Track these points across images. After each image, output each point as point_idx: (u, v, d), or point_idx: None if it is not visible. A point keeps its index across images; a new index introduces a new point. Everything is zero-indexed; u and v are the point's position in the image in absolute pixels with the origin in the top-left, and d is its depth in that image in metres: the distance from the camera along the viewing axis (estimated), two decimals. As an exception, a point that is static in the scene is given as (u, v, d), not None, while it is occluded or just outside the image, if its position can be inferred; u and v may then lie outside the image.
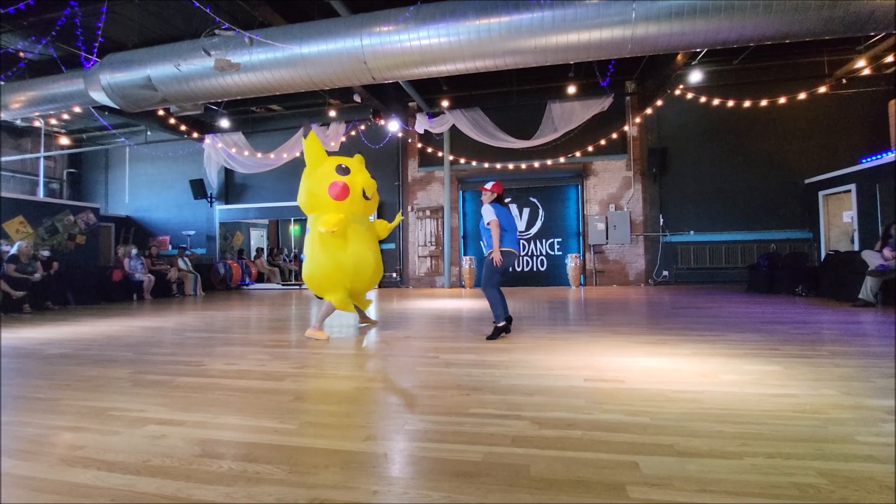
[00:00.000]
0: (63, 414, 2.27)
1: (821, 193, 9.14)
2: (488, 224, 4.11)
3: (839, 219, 8.90)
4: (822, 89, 8.83)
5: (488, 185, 4.34)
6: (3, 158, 11.93)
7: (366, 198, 4.47)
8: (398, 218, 5.27)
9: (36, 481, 1.57)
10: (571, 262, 10.24)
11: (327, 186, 4.23)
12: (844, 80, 8.88)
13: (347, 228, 4.21)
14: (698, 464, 1.59)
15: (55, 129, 12.79)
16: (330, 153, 4.85)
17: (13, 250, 7.63)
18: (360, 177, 4.41)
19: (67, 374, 3.13)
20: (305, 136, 4.40)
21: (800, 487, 1.43)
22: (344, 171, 4.33)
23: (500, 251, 4.08)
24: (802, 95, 8.71)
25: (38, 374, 3.13)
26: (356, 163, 4.56)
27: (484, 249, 4.35)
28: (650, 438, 1.81)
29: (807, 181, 9.47)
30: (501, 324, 4.08)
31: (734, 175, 9.95)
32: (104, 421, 2.15)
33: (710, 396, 2.33)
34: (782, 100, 8.80)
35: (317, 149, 4.44)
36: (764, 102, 8.95)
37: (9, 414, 2.29)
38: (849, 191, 8.40)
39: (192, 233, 12.74)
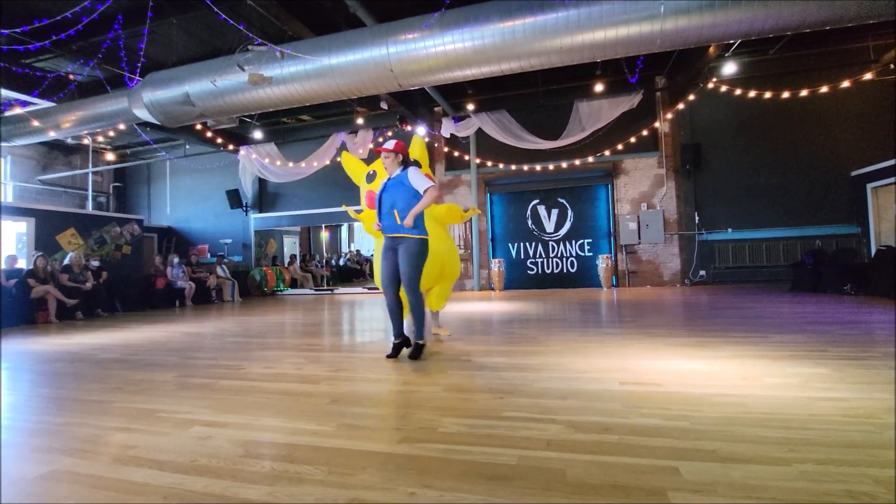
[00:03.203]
0: (115, 415, 2.40)
1: (869, 186, 8.66)
2: (426, 191, 3.41)
3: (890, 212, 8.41)
4: (868, 76, 8.38)
5: (390, 145, 3.58)
6: (56, 175, 12.70)
7: None
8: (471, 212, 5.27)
9: (95, 478, 1.66)
10: (602, 263, 10.05)
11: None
12: (893, 66, 8.40)
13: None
14: (743, 470, 1.54)
15: (102, 146, 13.50)
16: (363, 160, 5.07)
17: (66, 261, 8.10)
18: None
19: (118, 377, 3.30)
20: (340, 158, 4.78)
21: (853, 496, 1.36)
22: (371, 177, 4.53)
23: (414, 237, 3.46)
24: (846, 83, 8.29)
25: (91, 378, 3.31)
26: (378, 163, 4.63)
27: (399, 229, 3.46)
28: (691, 443, 1.77)
29: (853, 173, 9.00)
30: (423, 341, 3.58)
31: (773, 169, 9.55)
32: (153, 422, 2.26)
33: (754, 400, 2.25)
34: (824, 89, 8.39)
35: (354, 164, 4.74)
36: (804, 93, 8.56)
37: (66, 416, 2.44)
38: (900, 182, 7.95)
39: (229, 241, 13.20)
